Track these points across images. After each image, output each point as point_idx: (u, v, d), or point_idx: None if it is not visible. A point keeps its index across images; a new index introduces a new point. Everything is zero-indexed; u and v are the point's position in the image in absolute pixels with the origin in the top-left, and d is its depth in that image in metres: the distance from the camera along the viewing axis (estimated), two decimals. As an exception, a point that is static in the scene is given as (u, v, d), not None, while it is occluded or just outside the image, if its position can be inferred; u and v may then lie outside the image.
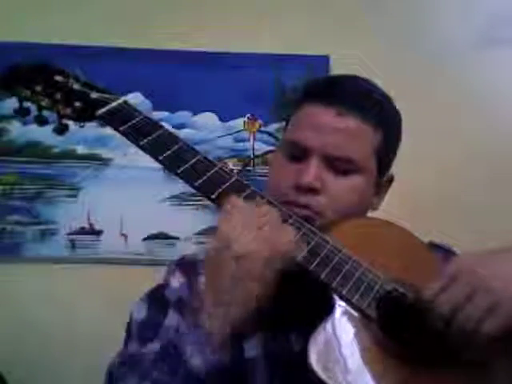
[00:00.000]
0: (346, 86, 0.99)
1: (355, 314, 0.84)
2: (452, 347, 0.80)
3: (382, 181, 1.02)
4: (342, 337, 0.82)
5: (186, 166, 0.86)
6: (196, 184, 0.85)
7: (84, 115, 0.92)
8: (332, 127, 0.94)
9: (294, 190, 0.93)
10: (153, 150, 0.88)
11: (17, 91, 0.92)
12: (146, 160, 0.90)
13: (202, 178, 0.86)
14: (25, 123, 1.91)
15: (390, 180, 1.05)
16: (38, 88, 0.92)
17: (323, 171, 0.94)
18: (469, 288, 0.78)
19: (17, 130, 1.92)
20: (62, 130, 0.94)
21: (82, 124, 0.93)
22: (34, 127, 1.88)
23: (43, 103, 0.92)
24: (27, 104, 0.93)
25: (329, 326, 0.81)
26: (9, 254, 1.90)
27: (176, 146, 0.88)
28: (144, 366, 0.80)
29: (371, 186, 0.99)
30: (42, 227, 1.91)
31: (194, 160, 0.87)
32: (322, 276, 0.83)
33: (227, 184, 0.86)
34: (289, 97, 1.88)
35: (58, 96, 0.92)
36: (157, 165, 0.88)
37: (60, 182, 1.93)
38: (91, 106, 0.91)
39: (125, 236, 1.91)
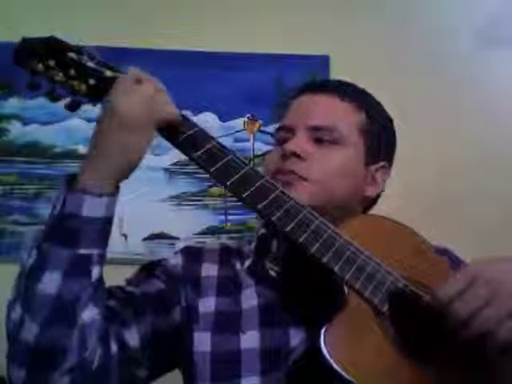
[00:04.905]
0: (323, 79, 1.11)
1: (366, 307, 0.84)
2: (461, 348, 0.80)
3: (374, 168, 1.03)
4: (353, 329, 0.82)
5: (218, 166, 0.89)
6: (245, 195, 0.88)
7: (98, 93, 0.90)
8: (310, 104, 1.02)
9: (280, 161, 0.98)
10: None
11: (30, 64, 0.90)
12: (147, 160, 0.90)
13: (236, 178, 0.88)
14: (25, 123, 1.92)
15: (384, 170, 1.05)
16: (51, 63, 0.90)
17: (307, 143, 0.98)
18: (487, 293, 0.77)
19: (17, 130, 1.92)
20: (74, 106, 0.92)
21: (94, 103, 0.92)
22: (34, 127, 1.92)
23: (57, 78, 0.90)
24: (39, 79, 0.91)
25: (340, 317, 0.82)
26: (9, 253, 1.89)
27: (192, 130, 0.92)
28: None
29: (359, 164, 1.01)
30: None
31: (226, 159, 0.90)
32: (336, 269, 0.84)
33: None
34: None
35: (72, 72, 0.90)
36: (157, 165, 0.89)
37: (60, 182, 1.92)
38: (106, 84, 0.89)
39: (125, 236, 1.91)
